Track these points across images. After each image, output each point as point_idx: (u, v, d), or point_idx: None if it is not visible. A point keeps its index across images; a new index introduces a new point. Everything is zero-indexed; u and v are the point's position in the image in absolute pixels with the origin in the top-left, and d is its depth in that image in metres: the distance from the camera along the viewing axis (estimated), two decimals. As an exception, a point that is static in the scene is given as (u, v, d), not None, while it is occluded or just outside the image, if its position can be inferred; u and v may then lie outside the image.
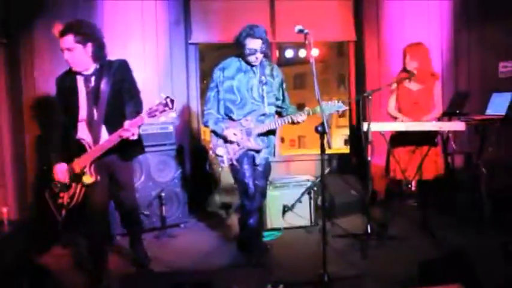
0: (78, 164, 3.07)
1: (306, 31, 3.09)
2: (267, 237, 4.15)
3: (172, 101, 2.84)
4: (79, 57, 3.04)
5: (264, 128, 3.46)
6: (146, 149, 3.49)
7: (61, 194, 3.13)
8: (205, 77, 5.92)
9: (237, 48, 3.47)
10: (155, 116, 2.86)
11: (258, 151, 3.51)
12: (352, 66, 5.93)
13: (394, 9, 5.48)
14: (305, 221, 4.40)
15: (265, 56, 3.51)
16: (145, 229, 4.32)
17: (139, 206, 3.93)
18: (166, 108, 2.83)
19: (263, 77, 3.49)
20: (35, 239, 3.93)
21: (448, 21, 5.37)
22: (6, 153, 4.67)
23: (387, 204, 4.66)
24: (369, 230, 3.93)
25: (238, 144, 3.44)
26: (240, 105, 3.46)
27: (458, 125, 3.90)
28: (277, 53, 6.50)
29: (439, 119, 4.21)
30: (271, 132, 3.55)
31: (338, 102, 3.41)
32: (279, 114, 3.69)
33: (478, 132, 4.30)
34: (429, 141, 3.99)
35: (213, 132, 3.51)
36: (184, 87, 5.48)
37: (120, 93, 3.15)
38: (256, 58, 3.41)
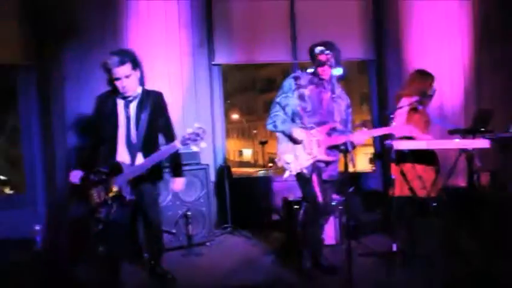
0: (114, 182, 3.20)
1: (327, 51, 3.18)
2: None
3: (204, 132, 3.03)
4: (133, 83, 3.26)
5: (333, 141, 3.47)
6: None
7: (99, 209, 3.24)
8: (229, 97, 6.03)
9: (311, 62, 3.57)
10: (187, 144, 3.05)
11: (327, 164, 3.53)
12: (373, 85, 5.97)
13: (416, 28, 5.52)
14: (330, 240, 4.37)
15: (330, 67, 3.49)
16: (172, 247, 4.40)
17: (167, 224, 4.01)
18: (198, 138, 3.02)
19: (333, 95, 3.58)
20: (65, 257, 4.04)
21: (469, 40, 5.40)
22: (38, 173, 4.86)
23: (412, 222, 4.64)
24: (395, 249, 3.91)
25: (308, 153, 3.47)
26: (311, 114, 3.52)
27: (482, 143, 3.86)
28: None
29: (464, 136, 4.21)
30: (338, 149, 3.53)
31: None
32: None
33: (502, 150, 4.28)
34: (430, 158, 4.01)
35: (282, 132, 3.53)
36: (209, 107, 5.57)
37: (156, 125, 3.37)
38: (325, 71, 3.48)
